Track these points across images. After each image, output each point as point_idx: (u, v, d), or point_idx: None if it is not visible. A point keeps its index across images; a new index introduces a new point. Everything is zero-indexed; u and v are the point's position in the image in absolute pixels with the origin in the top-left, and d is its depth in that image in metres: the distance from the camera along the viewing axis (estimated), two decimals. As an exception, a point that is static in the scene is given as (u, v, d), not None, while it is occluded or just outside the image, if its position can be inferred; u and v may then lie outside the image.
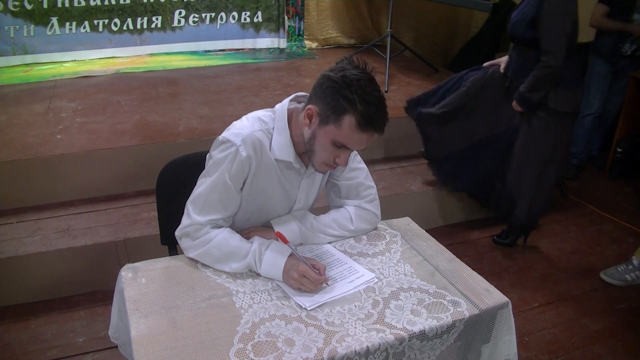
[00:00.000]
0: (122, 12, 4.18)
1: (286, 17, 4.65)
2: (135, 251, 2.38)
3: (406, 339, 1.14)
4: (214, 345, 1.10)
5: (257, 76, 3.93)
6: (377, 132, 1.26)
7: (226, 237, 1.34)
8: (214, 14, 4.42)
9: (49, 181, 2.61)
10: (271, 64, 4.29)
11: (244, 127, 1.35)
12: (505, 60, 2.61)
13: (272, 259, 1.31)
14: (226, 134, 1.35)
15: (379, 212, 1.56)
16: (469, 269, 1.40)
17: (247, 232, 1.44)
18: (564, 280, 2.59)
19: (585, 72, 3.38)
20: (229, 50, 4.57)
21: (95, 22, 4.12)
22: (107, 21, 4.15)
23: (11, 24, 3.88)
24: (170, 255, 1.55)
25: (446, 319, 1.20)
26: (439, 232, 2.87)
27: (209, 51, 4.51)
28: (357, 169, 1.52)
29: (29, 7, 3.89)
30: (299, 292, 1.27)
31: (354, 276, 1.34)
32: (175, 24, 4.35)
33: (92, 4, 4.06)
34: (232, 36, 4.56)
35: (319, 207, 1.62)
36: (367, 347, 1.11)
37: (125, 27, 4.23)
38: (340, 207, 1.55)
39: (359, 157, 1.53)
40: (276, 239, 1.34)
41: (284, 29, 4.66)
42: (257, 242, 1.35)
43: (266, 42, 4.66)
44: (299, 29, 4.81)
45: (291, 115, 1.37)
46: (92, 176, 2.68)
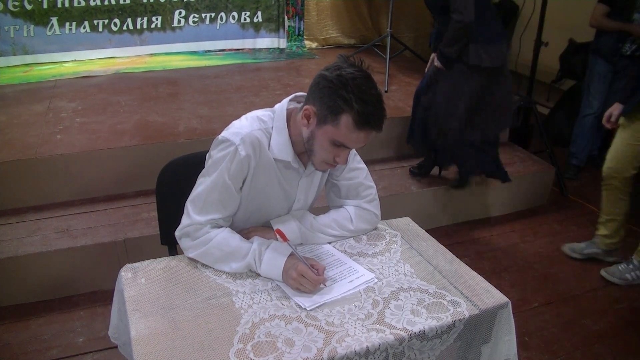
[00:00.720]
0: (122, 12, 4.18)
1: (286, 17, 4.65)
2: (135, 251, 2.38)
3: (406, 339, 1.14)
4: (214, 345, 1.10)
5: (257, 76, 3.93)
6: (375, 130, 1.26)
7: (226, 237, 1.34)
8: (213, 14, 4.42)
9: (49, 181, 2.61)
10: (271, 64, 4.29)
11: (243, 126, 1.35)
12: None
13: (272, 259, 1.31)
14: (225, 134, 1.35)
15: (378, 212, 1.56)
16: (468, 269, 1.40)
17: (247, 232, 1.43)
18: (564, 280, 2.59)
19: (506, 25, 3.57)
20: (229, 50, 4.57)
21: (95, 22, 4.12)
22: (107, 21, 4.15)
23: (11, 24, 3.88)
24: (170, 255, 1.55)
25: (446, 319, 1.20)
26: (439, 232, 2.87)
27: (209, 51, 4.51)
28: (356, 169, 1.52)
29: (28, 7, 3.89)
30: (299, 292, 1.27)
31: (354, 276, 1.34)
32: (175, 24, 4.35)
33: (92, 4, 4.06)
34: (232, 36, 4.56)
35: (319, 207, 1.62)
36: (367, 347, 1.11)
37: (125, 27, 4.23)
38: (340, 207, 1.55)
39: (358, 157, 1.53)
40: (276, 238, 1.34)
41: (284, 29, 4.66)
42: (257, 242, 1.35)
43: (266, 42, 4.66)
44: (299, 29, 4.81)
45: (290, 115, 1.37)
46: (92, 176, 2.68)
